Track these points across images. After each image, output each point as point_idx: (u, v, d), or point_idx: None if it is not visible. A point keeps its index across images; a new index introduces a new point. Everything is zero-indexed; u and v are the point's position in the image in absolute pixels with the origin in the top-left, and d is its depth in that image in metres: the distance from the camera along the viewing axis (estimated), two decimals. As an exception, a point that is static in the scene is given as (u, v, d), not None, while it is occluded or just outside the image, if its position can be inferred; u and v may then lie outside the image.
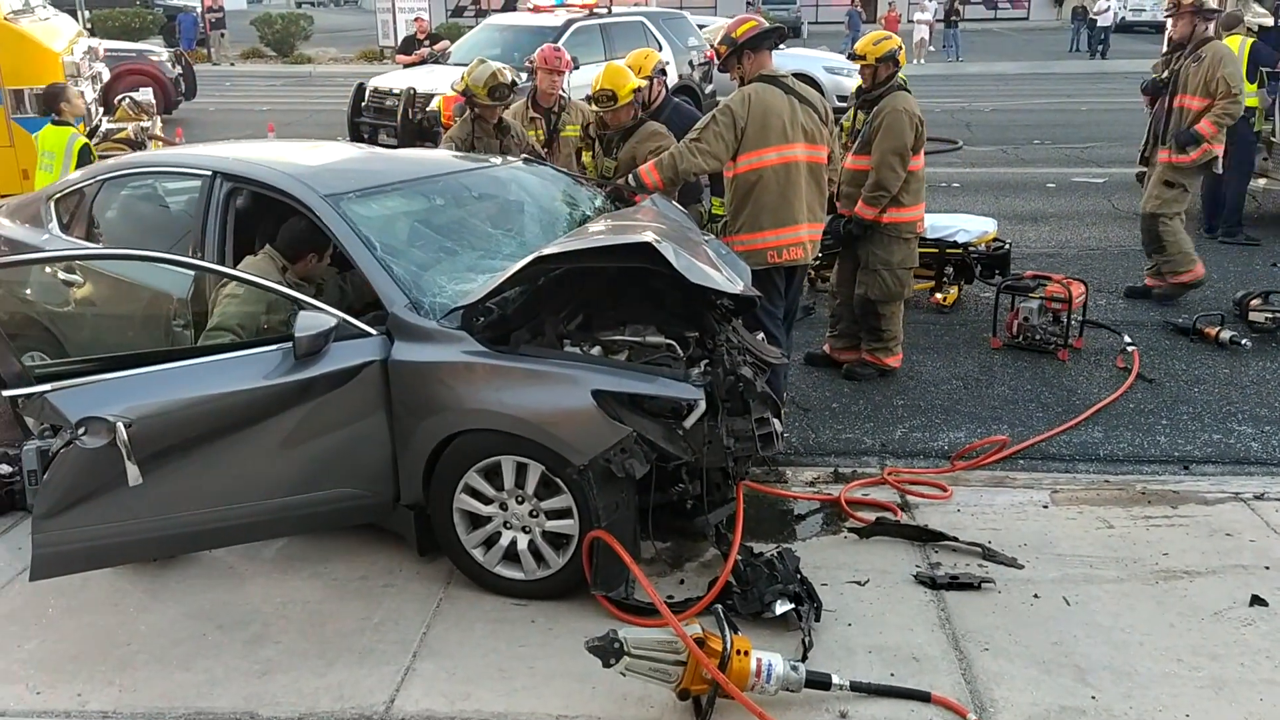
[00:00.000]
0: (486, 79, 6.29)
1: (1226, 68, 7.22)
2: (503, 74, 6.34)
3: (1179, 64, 7.50)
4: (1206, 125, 7.26)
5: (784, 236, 5.31)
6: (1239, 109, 7.34)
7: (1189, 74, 7.37)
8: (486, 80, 6.28)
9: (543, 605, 3.98)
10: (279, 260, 4.59)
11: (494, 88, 6.28)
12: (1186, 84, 7.39)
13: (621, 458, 3.73)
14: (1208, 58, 7.28)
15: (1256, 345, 6.80)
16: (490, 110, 6.38)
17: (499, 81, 6.29)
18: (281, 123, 16.41)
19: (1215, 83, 7.21)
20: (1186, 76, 7.39)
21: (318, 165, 4.86)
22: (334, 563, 4.32)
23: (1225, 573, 4.16)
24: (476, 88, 6.28)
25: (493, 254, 4.61)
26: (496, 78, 6.30)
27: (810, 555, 4.26)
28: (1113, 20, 30.24)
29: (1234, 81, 7.21)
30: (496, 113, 6.42)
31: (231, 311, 4.17)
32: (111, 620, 3.97)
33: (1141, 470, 5.22)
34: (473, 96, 6.34)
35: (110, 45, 16.29)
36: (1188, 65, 7.39)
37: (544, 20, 14.18)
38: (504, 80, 6.32)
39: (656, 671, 3.28)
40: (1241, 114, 7.42)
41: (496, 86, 6.29)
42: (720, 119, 5.18)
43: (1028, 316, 6.84)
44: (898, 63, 6.16)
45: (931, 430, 5.72)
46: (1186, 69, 7.40)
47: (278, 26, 32.94)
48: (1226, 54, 7.34)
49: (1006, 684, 3.50)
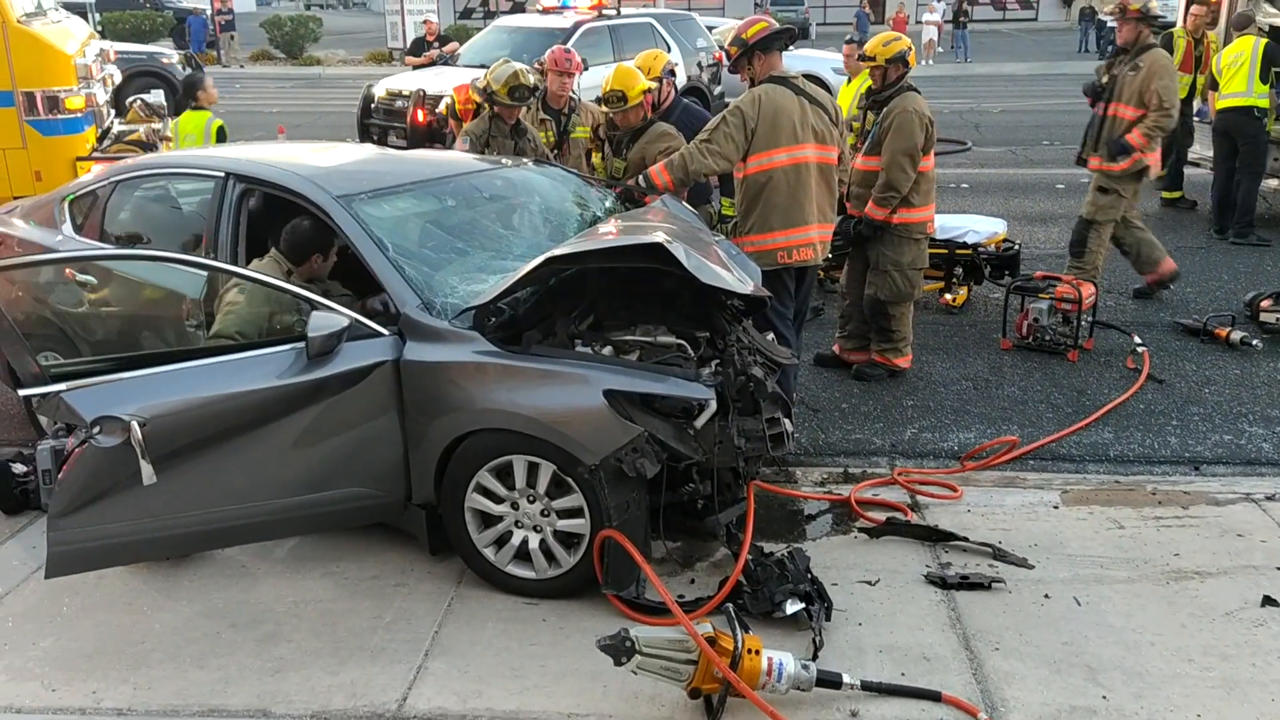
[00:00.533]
0: (508, 78, 6.29)
1: (1161, 80, 7.13)
2: (525, 75, 6.34)
3: (1119, 70, 7.47)
4: (1137, 137, 7.19)
5: (794, 237, 5.31)
6: (1171, 123, 7.32)
7: (1126, 82, 7.31)
8: (508, 80, 6.29)
9: (554, 604, 4.00)
10: (284, 264, 4.61)
11: (514, 88, 6.29)
12: (1122, 92, 7.34)
13: (633, 457, 3.74)
14: (1145, 67, 7.20)
15: (1268, 346, 6.79)
16: (509, 111, 6.39)
17: (520, 83, 6.29)
18: (291, 124, 16.45)
19: (1149, 95, 7.13)
20: (1124, 84, 7.33)
21: (330, 166, 4.89)
22: (346, 562, 4.34)
23: (1236, 573, 4.15)
24: (498, 86, 6.30)
25: (503, 255, 4.63)
26: (518, 78, 6.30)
27: (820, 555, 4.26)
28: (1121, 21, 30.10)
29: (1166, 95, 7.11)
30: (515, 114, 6.43)
31: (230, 321, 4.16)
32: (125, 619, 3.99)
33: (1152, 471, 5.21)
34: (493, 95, 6.35)
35: (121, 47, 16.36)
36: (1125, 73, 7.34)
37: (553, 22, 14.21)
38: (525, 82, 6.32)
39: (668, 670, 3.29)
40: (1174, 128, 7.39)
41: (517, 87, 6.29)
42: (730, 120, 5.19)
43: (1038, 317, 6.84)
44: (907, 64, 6.16)
45: (941, 431, 5.72)
46: (1124, 76, 7.34)
47: (287, 29, 33.02)
48: (1164, 66, 7.26)
49: (1017, 684, 3.50)
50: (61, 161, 8.81)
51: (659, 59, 6.73)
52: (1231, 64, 9.50)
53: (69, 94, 9.07)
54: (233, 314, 4.19)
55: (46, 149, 8.85)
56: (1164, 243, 9.44)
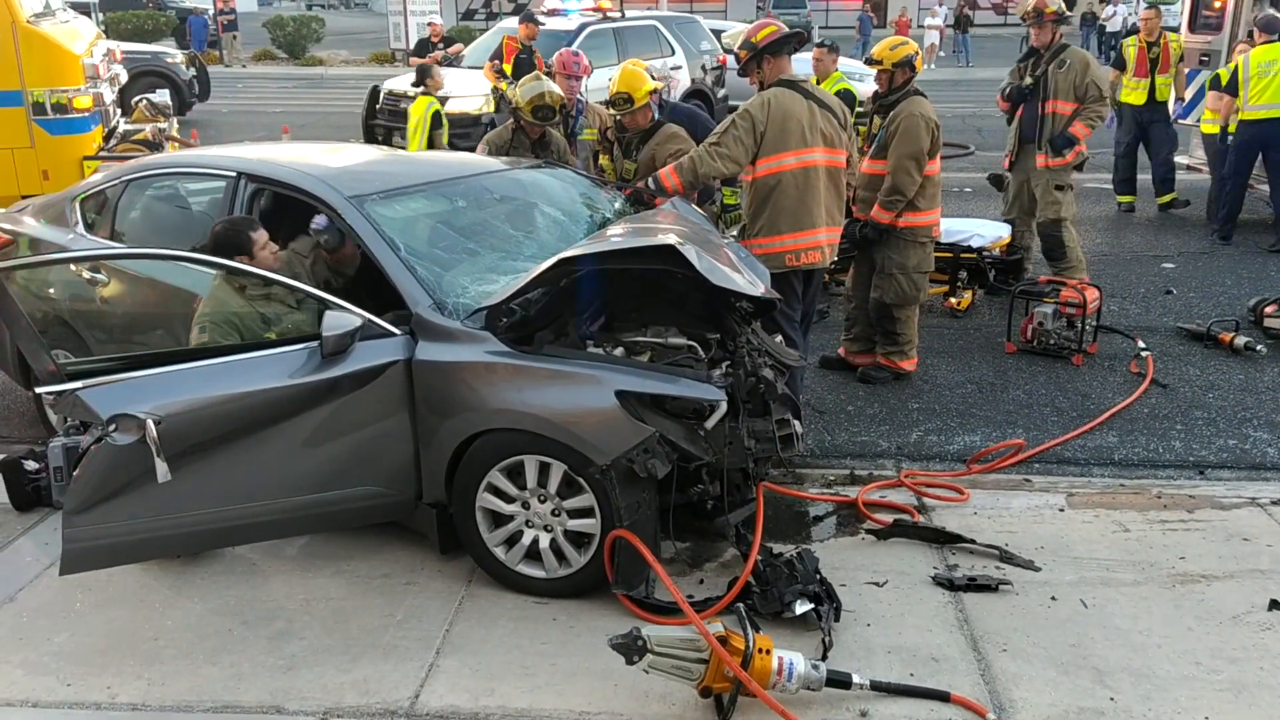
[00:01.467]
0: (532, 97, 6.29)
1: (1095, 72, 7.47)
2: (552, 96, 6.31)
3: (1042, 70, 7.64)
4: (1080, 128, 7.47)
5: (802, 240, 5.34)
6: (1108, 111, 7.59)
7: (1056, 80, 7.55)
8: (533, 99, 6.28)
9: (564, 603, 4.02)
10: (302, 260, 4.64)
11: (538, 108, 6.28)
12: (1056, 89, 7.57)
13: (644, 458, 3.77)
14: (1074, 63, 7.50)
15: (1272, 351, 6.81)
16: (531, 128, 6.40)
17: (545, 103, 6.27)
18: (295, 124, 16.48)
19: (1086, 87, 7.44)
20: (1055, 82, 7.56)
21: (341, 167, 4.92)
22: (356, 560, 4.36)
23: (1243, 577, 4.17)
24: (521, 103, 6.30)
25: (514, 255, 4.65)
26: (544, 99, 6.28)
27: (829, 556, 4.29)
28: (1121, 25, 30.14)
29: (1103, 85, 7.48)
30: (537, 131, 6.43)
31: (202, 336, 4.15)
32: (138, 615, 4.02)
33: (1157, 475, 5.24)
34: (518, 111, 6.37)
35: (126, 47, 16.39)
36: (1054, 71, 7.56)
37: (558, 24, 14.24)
38: (550, 103, 6.29)
39: (679, 669, 3.31)
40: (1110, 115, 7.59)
41: (541, 107, 6.28)
42: (740, 123, 5.22)
43: (1042, 321, 6.86)
44: (914, 68, 6.19)
45: (947, 434, 5.74)
46: (1054, 75, 7.56)
47: (289, 29, 33.07)
48: (1091, 59, 7.58)
49: (1025, 685, 3.53)
50: (69, 161, 8.84)
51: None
52: (1261, 72, 9.18)
53: (77, 93, 9.11)
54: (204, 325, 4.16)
55: (54, 148, 8.88)
56: (1166, 247, 9.54)
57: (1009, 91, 8.01)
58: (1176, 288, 8.29)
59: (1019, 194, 8.13)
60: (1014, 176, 8.19)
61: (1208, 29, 11.16)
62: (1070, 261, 7.71)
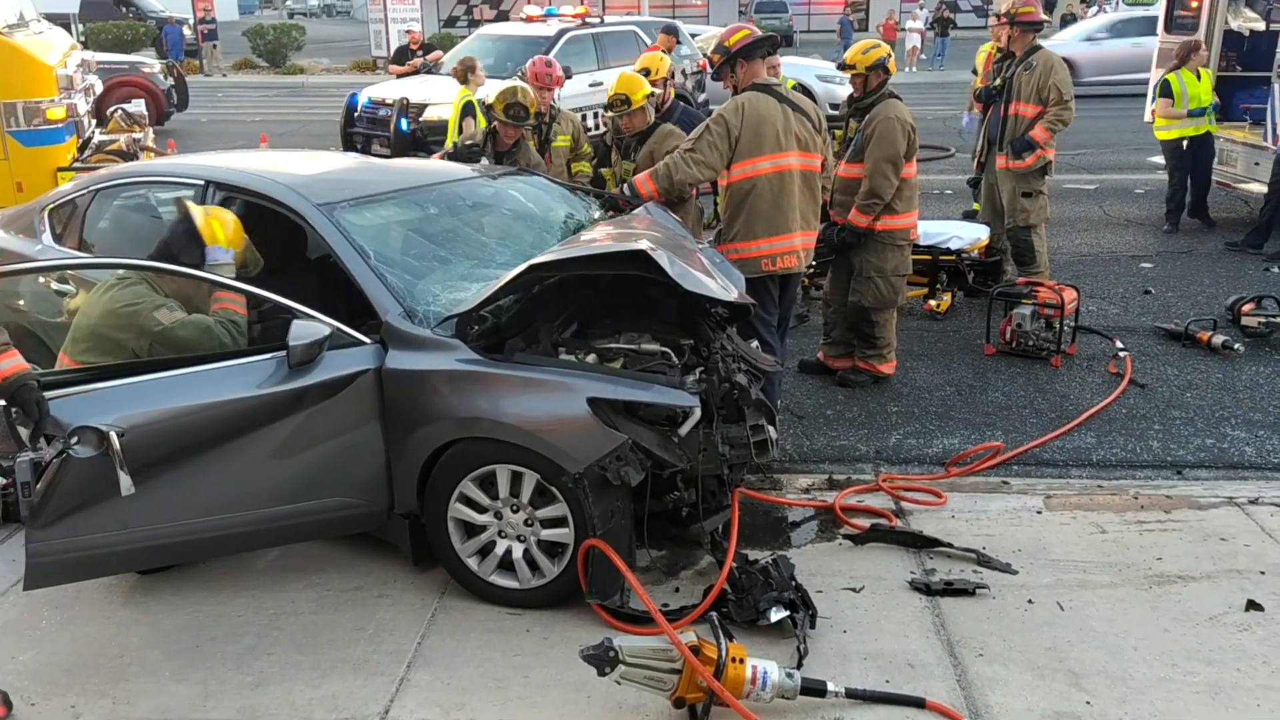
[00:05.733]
0: (503, 93, 6.27)
1: (1057, 75, 7.43)
2: (524, 94, 6.28)
3: (1010, 72, 7.67)
4: (1040, 131, 7.44)
5: (778, 245, 5.31)
6: (1070, 115, 7.52)
7: (1021, 82, 7.56)
8: (503, 95, 6.26)
9: (538, 614, 3.97)
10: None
11: (510, 104, 6.25)
12: (1020, 91, 7.57)
13: (617, 465, 3.73)
14: (1039, 66, 7.49)
15: (1249, 350, 6.82)
16: (507, 131, 6.34)
17: (515, 100, 6.24)
18: (274, 133, 16.39)
19: (1047, 90, 7.41)
20: (1019, 84, 7.57)
21: (311, 175, 4.87)
22: (328, 573, 4.31)
23: (1220, 577, 4.16)
24: (495, 101, 6.30)
25: (486, 263, 4.61)
26: (514, 94, 6.26)
27: (805, 562, 4.25)
28: (1104, 26, 30.25)
29: (1065, 89, 7.42)
30: (514, 135, 6.35)
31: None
32: (104, 632, 3.95)
33: (1135, 475, 5.23)
34: (491, 110, 6.36)
35: (102, 58, 16.30)
36: (1020, 74, 7.58)
37: (537, 30, 14.18)
38: (521, 100, 6.26)
39: (652, 680, 3.27)
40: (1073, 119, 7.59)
41: (511, 104, 6.25)
42: (714, 128, 5.19)
43: (1021, 323, 6.85)
44: (888, 71, 6.19)
45: (926, 437, 5.72)
46: (1019, 77, 7.58)
47: (270, 37, 32.96)
48: (1057, 62, 7.55)
49: (1001, 690, 3.50)
50: (43, 172, 8.76)
51: (663, 62, 6.78)
52: None
53: (50, 104, 9.04)
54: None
55: (28, 160, 8.81)
56: (1144, 247, 9.57)
57: (979, 92, 8.04)
58: (1155, 287, 8.31)
59: (989, 196, 8.14)
60: (985, 178, 8.20)
61: (1184, 29, 11.21)
62: (1039, 267, 7.71)
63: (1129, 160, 13.58)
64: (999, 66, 7.96)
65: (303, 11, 72.24)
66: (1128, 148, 14.43)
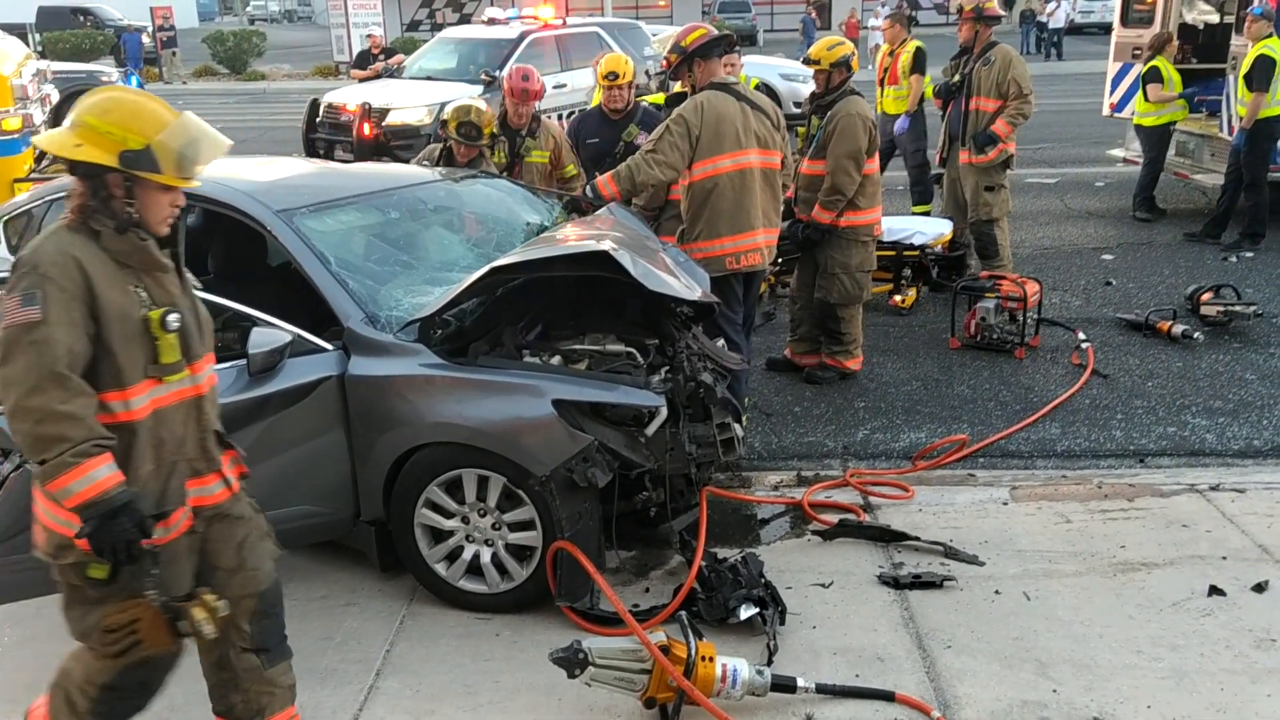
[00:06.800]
0: (456, 110, 6.05)
1: (1016, 69, 7.53)
2: (477, 113, 6.01)
3: (969, 68, 7.75)
4: (1001, 125, 7.53)
5: (741, 243, 5.33)
6: (1030, 108, 7.61)
7: (981, 77, 7.64)
8: (456, 113, 6.03)
9: (508, 618, 3.96)
10: None
11: (461, 123, 5.97)
12: (980, 87, 7.66)
13: (584, 467, 3.73)
14: (997, 61, 7.58)
15: (1209, 339, 6.91)
16: (458, 148, 6.06)
17: (468, 119, 5.98)
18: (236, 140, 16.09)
19: (1007, 84, 7.50)
20: (979, 80, 7.65)
21: (270, 181, 4.82)
22: (294, 582, 4.25)
23: (1183, 564, 4.21)
24: (449, 119, 6.06)
25: (449, 266, 4.59)
26: (467, 113, 5.99)
27: (774, 559, 4.27)
28: (1064, 21, 30.60)
29: (1024, 83, 7.51)
30: (465, 152, 6.07)
31: None
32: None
33: (1098, 465, 5.29)
34: (444, 125, 6.17)
35: (59, 67, 16.07)
36: (979, 69, 7.66)
37: (498, 33, 14.12)
38: (474, 120, 5.99)
39: (622, 680, 3.27)
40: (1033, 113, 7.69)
41: (463, 123, 5.97)
42: (674, 129, 5.19)
43: (985, 316, 6.91)
44: (850, 68, 6.22)
45: (893, 431, 5.75)
46: (978, 73, 7.66)
47: (230, 44, 32.69)
48: (1015, 57, 7.65)
49: (969, 680, 3.52)
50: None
51: (629, 66, 6.70)
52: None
53: (5, 115, 8.91)
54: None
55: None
56: (1105, 239, 9.68)
57: (939, 89, 8.11)
58: (1116, 279, 8.41)
59: (951, 191, 8.20)
60: (946, 173, 8.26)
61: (1140, 23, 11.34)
62: (1001, 259, 7.79)
63: (1089, 154, 13.71)
64: (956, 63, 8.02)
65: (263, 17, 71.68)
66: (1088, 141, 14.57)
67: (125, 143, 2.55)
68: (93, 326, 2.56)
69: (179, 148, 2.60)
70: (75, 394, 2.50)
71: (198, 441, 2.83)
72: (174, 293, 2.76)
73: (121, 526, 2.52)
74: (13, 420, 2.49)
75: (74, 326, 2.52)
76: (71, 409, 2.48)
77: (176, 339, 2.69)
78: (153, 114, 2.61)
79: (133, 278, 2.66)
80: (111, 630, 2.65)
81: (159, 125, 2.59)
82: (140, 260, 2.67)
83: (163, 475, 2.72)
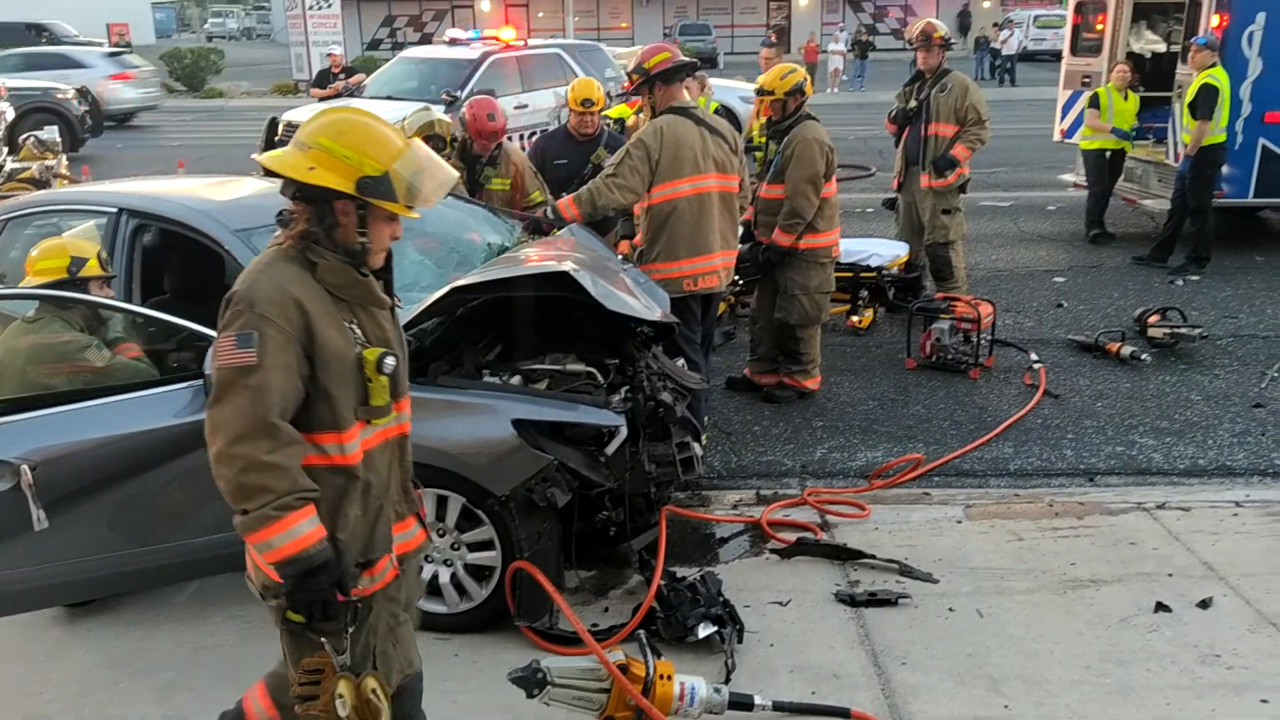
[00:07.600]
0: (421, 126, 6.10)
1: (973, 96, 7.69)
2: (442, 126, 6.11)
3: (926, 94, 7.89)
4: (961, 150, 7.68)
5: (699, 265, 5.39)
6: (988, 134, 7.80)
7: (939, 103, 7.77)
8: (421, 129, 6.07)
9: (466, 638, 3.96)
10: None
11: (428, 138, 5.99)
12: (938, 112, 7.78)
13: (543, 486, 3.75)
14: (954, 87, 7.73)
15: (1156, 360, 7.07)
16: None
17: (433, 133, 6.05)
18: (193, 158, 16.09)
19: (965, 110, 7.65)
20: (936, 106, 7.78)
21: (227, 200, 4.79)
22: (250, 605, 4.15)
23: (1130, 581, 4.30)
24: (414, 134, 6.09)
25: (409, 286, 4.58)
26: (432, 127, 6.07)
27: (733, 577, 4.30)
28: (1017, 48, 31.22)
29: (982, 109, 7.67)
30: None
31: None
32: (22, 669, 3.85)
33: (1050, 483, 5.39)
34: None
35: (13, 84, 15.90)
36: (936, 95, 7.80)
37: (460, 53, 14.11)
38: (439, 132, 6.08)
39: (580, 700, 3.28)
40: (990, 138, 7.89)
41: (431, 137, 6.02)
42: (634, 153, 5.25)
43: (940, 337, 7.02)
44: (804, 94, 6.32)
45: (850, 450, 5.82)
46: (935, 98, 7.80)
47: (187, 61, 32.41)
48: (970, 84, 7.83)
49: (924, 697, 3.58)
50: (-50, 200, 8.50)
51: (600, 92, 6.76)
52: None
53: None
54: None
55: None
56: (1057, 262, 9.87)
57: (894, 114, 8.23)
58: (1067, 301, 8.57)
59: (908, 214, 8.32)
60: (902, 198, 8.38)
61: (1089, 52, 11.62)
62: (957, 282, 7.92)
63: (1041, 178, 13.97)
64: (911, 89, 8.14)
65: (222, 35, 71.19)
66: (1040, 166, 14.85)
67: (362, 168, 2.41)
68: (307, 368, 2.45)
69: (409, 176, 2.46)
70: (284, 444, 2.39)
71: (400, 483, 2.75)
72: (387, 329, 2.63)
73: (319, 585, 2.44)
74: (217, 464, 2.39)
75: (289, 371, 2.40)
76: (277, 459, 2.37)
77: (388, 381, 2.58)
78: (387, 140, 2.48)
79: (346, 312, 2.53)
80: (308, 670, 2.56)
81: (395, 153, 2.46)
82: (357, 294, 2.54)
83: (369, 521, 2.63)
